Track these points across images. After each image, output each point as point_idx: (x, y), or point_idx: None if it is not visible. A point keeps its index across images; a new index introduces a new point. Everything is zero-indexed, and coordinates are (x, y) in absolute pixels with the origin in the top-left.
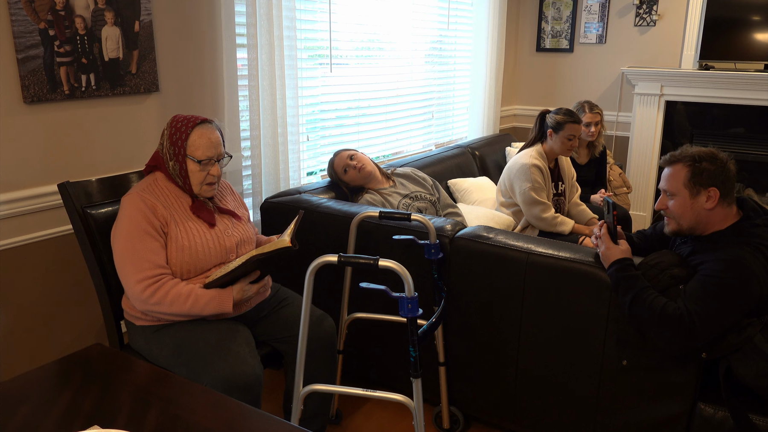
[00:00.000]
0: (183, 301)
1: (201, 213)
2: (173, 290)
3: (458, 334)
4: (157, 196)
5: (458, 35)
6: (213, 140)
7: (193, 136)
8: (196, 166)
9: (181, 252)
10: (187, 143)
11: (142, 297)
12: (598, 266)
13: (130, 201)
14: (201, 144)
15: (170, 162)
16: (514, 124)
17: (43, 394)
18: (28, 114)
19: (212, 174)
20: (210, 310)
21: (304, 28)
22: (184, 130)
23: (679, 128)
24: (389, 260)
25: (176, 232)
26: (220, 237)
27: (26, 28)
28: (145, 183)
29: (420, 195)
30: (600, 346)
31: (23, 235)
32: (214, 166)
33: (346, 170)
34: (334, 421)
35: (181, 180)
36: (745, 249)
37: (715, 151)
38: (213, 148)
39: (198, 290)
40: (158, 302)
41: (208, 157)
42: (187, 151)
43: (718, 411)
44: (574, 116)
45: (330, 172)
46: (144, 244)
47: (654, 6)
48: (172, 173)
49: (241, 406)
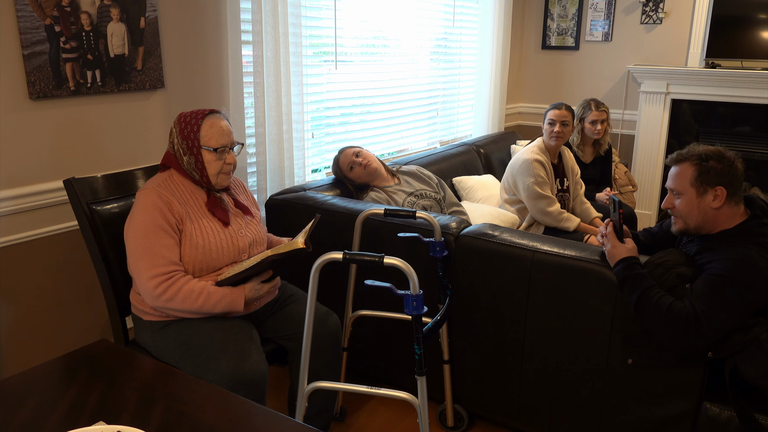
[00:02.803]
0: (195, 298)
1: (216, 210)
2: (185, 287)
3: (463, 332)
4: (173, 191)
5: (463, 32)
6: (224, 128)
7: (205, 126)
8: (212, 156)
9: (195, 250)
10: (199, 134)
11: (154, 293)
12: (604, 264)
13: (146, 196)
14: (214, 133)
15: (184, 157)
16: (519, 122)
17: (49, 390)
18: (33, 110)
19: (228, 162)
20: (221, 307)
21: (309, 25)
22: (194, 123)
23: (685, 127)
24: (394, 258)
25: (191, 229)
26: (233, 237)
27: (32, 24)
28: (160, 178)
29: (425, 193)
30: (605, 344)
31: (29, 231)
32: (230, 154)
33: (351, 167)
34: (339, 418)
35: (197, 173)
36: (752, 248)
37: (722, 150)
38: (226, 136)
39: (210, 287)
40: (170, 298)
41: (223, 145)
42: (201, 142)
43: (723, 410)
44: (555, 104)
45: (335, 169)
46: (158, 239)
47: (660, 4)
48: (188, 168)
49: (246, 403)
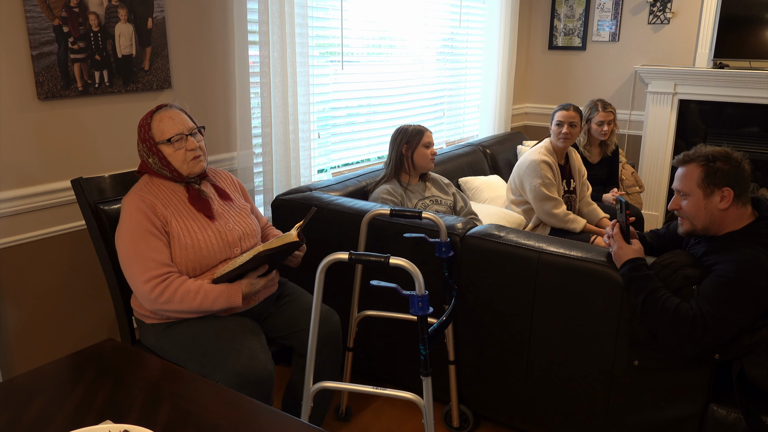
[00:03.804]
0: (192, 298)
1: (198, 204)
2: (182, 287)
3: (469, 333)
4: (155, 194)
5: (470, 33)
6: (175, 119)
7: (154, 123)
8: (170, 148)
9: (185, 251)
10: (152, 133)
11: (150, 297)
12: (611, 266)
13: (130, 201)
14: (164, 126)
15: (150, 160)
16: (526, 123)
17: (57, 388)
18: (42, 110)
19: (189, 149)
20: (220, 304)
21: (315, 25)
22: (145, 123)
23: (693, 127)
24: (400, 258)
25: (177, 230)
26: (222, 232)
27: (41, 25)
28: (141, 183)
29: (439, 200)
30: (611, 346)
31: (37, 231)
32: (189, 141)
33: (428, 146)
34: (344, 418)
35: (167, 170)
36: (759, 250)
37: (730, 151)
38: (179, 125)
39: (206, 285)
40: (167, 300)
41: (178, 133)
42: (156, 139)
43: (730, 413)
44: (563, 105)
45: (404, 136)
46: (148, 243)
47: (668, 4)
48: (157, 169)
49: (251, 403)
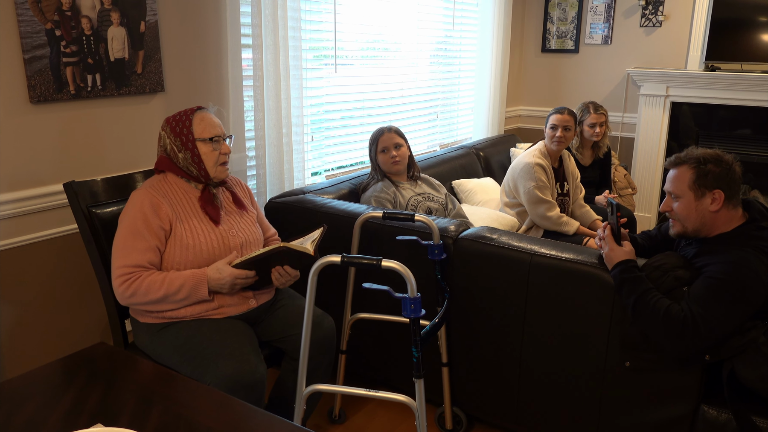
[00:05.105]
0: (157, 288)
1: (207, 207)
2: (147, 279)
3: (461, 335)
4: (165, 192)
5: (463, 36)
6: (214, 120)
7: (196, 120)
8: (208, 147)
9: (186, 251)
10: (192, 129)
11: (118, 291)
12: (602, 267)
13: (137, 198)
14: (206, 125)
15: (180, 154)
16: (519, 125)
17: (48, 392)
18: (34, 114)
19: (224, 153)
20: (186, 291)
21: (309, 28)
22: (185, 119)
23: (685, 129)
24: (392, 261)
25: (181, 230)
26: (224, 236)
27: (33, 29)
28: (155, 179)
29: (432, 197)
30: (603, 347)
31: (29, 234)
32: (224, 144)
33: (384, 151)
34: (338, 420)
35: (195, 167)
36: (750, 251)
37: (721, 153)
38: (217, 127)
39: (172, 274)
40: (133, 293)
41: (216, 135)
42: (194, 135)
43: (721, 413)
44: (558, 109)
45: (372, 138)
46: (135, 242)
47: (660, 7)
48: (184, 165)
49: (244, 406)
